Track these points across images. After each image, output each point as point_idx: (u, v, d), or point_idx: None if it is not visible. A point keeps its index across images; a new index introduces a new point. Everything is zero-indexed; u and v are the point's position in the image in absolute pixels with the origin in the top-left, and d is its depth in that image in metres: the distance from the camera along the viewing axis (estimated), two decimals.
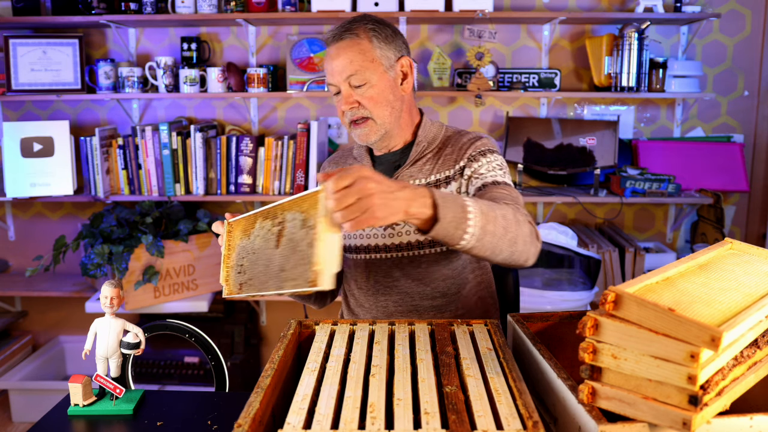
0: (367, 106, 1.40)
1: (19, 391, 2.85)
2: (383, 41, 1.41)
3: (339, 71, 1.38)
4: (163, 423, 1.13)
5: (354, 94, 1.39)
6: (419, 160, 1.48)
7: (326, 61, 1.42)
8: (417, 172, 1.47)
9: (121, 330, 1.19)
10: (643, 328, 0.81)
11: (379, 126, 1.42)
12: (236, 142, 2.83)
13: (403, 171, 1.47)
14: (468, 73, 2.95)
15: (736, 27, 2.97)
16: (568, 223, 3.09)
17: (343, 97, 1.40)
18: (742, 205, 3.10)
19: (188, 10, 2.74)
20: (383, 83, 1.40)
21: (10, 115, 3.10)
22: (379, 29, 1.42)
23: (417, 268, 1.48)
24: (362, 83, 1.38)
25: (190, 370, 2.96)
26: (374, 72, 1.39)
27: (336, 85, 1.40)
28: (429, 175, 1.46)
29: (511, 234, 1.14)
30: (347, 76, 1.38)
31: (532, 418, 0.83)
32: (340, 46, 1.39)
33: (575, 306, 2.56)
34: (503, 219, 1.13)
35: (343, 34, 1.39)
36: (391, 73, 1.42)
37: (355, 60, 1.37)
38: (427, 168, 1.47)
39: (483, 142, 1.48)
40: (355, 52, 1.38)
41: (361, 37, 1.39)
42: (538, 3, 2.96)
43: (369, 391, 0.93)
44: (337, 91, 1.42)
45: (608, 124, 2.90)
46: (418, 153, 1.48)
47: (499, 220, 1.12)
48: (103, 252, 2.55)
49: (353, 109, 1.40)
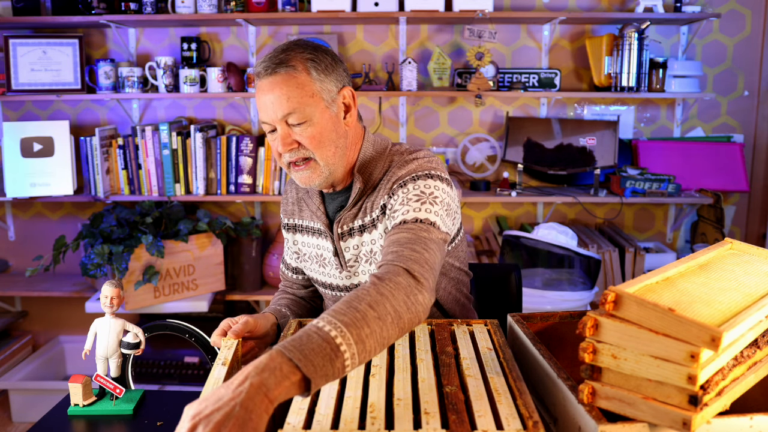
0: (308, 146, 1.24)
1: (19, 391, 2.85)
2: (323, 72, 1.25)
3: (274, 109, 1.22)
4: (163, 423, 1.13)
5: (292, 133, 1.24)
6: (361, 198, 1.33)
7: (258, 96, 1.24)
8: (360, 211, 1.33)
9: (121, 330, 1.19)
10: (643, 328, 0.81)
11: (322, 168, 1.27)
12: (236, 142, 2.83)
13: (345, 213, 1.34)
14: (468, 73, 2.95)
15: (736, 27, 2.97)
16: (568, 223, 3.09)
17: (280, 137, 1.24)
18: (742, 205, 3.10)
19: (188, 10, 2.74)
20: (325, 120, 1.25)
21: (10, 115, 3.10)
22: (318, 58, 1.25)
23: None
24: (301, 121, 1.22)
25: (190, 370, 2.96)
26: (315, 108, 1.23)
27: (270, 123, 1.25)
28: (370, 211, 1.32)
29: (393, 327, 0.96)
30: (284, 115, 1.22)
31: (532, 418, 0.83)
32: (275, 80, 1.21)
33: (575, 306, 2.56)
34: (379, 322, 0.94)
35: (277, 67, 1.21)
36: (333, 108, 1.27)
37: (293, 96, 1.21)
38: (376, 201, 1.31)
39: (411, 168, 1.28)
40: (292, 87, 1.21)
41: (299, 69, 1.22)
42: (538, 3, 2.96)
43: (369, 391, 0.93)
44: (271, 129, 1.26)
45: (608, 124, 2.90)
46: (357, 194, 1.32)
47: (375, 328, 0.93)
48: (103, 252, 2.55)
49: (292, 151, 1.25)
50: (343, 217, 1.34)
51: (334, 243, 1.37)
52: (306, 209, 1.44)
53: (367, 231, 1.33)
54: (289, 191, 1.51)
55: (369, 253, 1.34)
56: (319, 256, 1.43)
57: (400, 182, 1.27)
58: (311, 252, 1.45)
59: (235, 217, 3.13)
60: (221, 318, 3.00)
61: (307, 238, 1.45)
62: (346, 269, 1.38)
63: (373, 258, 1.33)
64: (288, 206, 1.49)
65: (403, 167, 1.29)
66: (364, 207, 1.33)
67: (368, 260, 1.34)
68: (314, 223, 1.41)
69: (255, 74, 1.26)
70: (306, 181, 1.29)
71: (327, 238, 1.39)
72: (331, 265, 1.40)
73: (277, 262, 2.94)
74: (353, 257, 1.36)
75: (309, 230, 1.44)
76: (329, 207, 1.39)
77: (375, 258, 1.33)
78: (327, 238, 1.39)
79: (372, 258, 1.33)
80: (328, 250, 1.40)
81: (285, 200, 1.51)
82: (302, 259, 1.49)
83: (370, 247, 1.33)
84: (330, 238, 1.38)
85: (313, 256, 1.45)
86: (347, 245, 1.35)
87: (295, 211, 1.47)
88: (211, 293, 2.88)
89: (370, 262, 1.34)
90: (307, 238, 1.45)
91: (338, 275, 1.40)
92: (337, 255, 1.38)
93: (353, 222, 1.34)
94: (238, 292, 2.98)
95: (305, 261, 1.48)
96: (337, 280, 1.41)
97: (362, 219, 1.33)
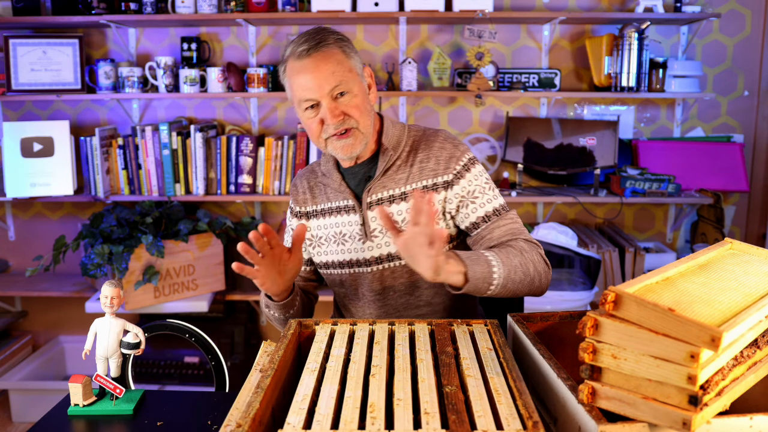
0: (354, 115, 1.36)
1: (19, 391, 2.85)
2: (352, 51, 1.39)
3: (320, 84, 1.32)
4: (163, 423, 1.13)
5: (338, 105, 1.35)
6: (389, 169, 1.44)
7: (298, 77, 1.34)
8: (389, 181, 1.44)
9: (121, 330, 1.19)
10: (643, 328, 0.81)
11: (363, 135, 1.39)
12: (236, 142, 2.84)
13: (375, 183, 1.43)
14: (468, 73, 2.95)
15: (736, 27, 2.97)
16: (568, 223, 3.09)
17: (329, 110, 1.34)
18: (742, 205, 3.10)
19: (188, 10, 2.74)
20: (362, 92, 1.38)
21: (10, 115, 3.10)
22: (345, 39, 1.39)
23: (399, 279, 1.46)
24: (346, 92, 1.35)
25: (190, 370, 2.96)
26: (354, 81, 1.36)
27: (315, 99, 1.34)
28: (405, 183, 1.43)
29: (529, 278, 1.32)
30: (331, 88, 1.33)
31: (532, 418, 0.83)
32: (317, 57, 1.33)
33: (575, 306, 2.56)
34: (522, 266, 1.30)
35: (317, 47, 1.33)
36: (364, 82, 1.41)
37: (337, 71, 1.33)
38: (401, 177, 1.43)
39: (462, 151, 1.44)
40: (334, 63, 1.33)
41: (334, 48, 1.35)
42: (538, 3, 2.96)
43: (369, 391, 0.93)
44: (311, 105, 1.35)
45: (608, 124, 2.90)
46: (387, 162, 1.43)
47: (518, 269, 1.29)
48: (103, 252, 2.55)
49: (339, 122, 1.35)
50: (373, 186, 1.43)
51: (362, 213, 1.44)
52: (322, 193, 1.51)
53: (396, 202, 1.43)
54: (298, 184, 1.57)
55: (398, 224, 1.41)
56: (339, 234, 1.48)
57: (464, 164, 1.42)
58: (328, 233, 1.50)
59: (235, 217, 3.13)
60: (221, 318, 3.00)
61: (323, 221, 1.50)
62: (369, 239, 1.45)
63: (403, 227, 1.41)
64: (299, 196, 1.56)
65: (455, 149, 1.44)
66: (397, 178, 1.43)
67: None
68: (336, 201, 1.48)
69: (291, 57, 1.35)
70: (348, 149, 1.38)
71: (351, 212, 1.46)
72: (353, 239, 1.46)
73: None
74: (378, 227, 1.44)
75: (327, 211, 1.50)
76: (350, 182, 1.47)
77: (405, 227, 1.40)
78: (351, 212, 1.46)
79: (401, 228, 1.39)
80: (353, 224, 1.46)
81: (295, 192, 1.57)
82: (315, 244, 1.52)
83: (402, 216, 1.42)
84: (357, 211, 1.45)
85: (330, 237, 1.50)
86: (374, 215, 1.44)
87: (308, 198, 1.54)
88: (211, 293, 2.88)
89: None
90: (322, 221, 1.51)
91: (360, 247, 1.46)
92: (363, 225, 1.45)
93: (383, 192, 1.43)
94: (238, 292, 2.98)
95: (319, 245, 1.52)
96: (357, 254, 1.46)
97: (392, 190, 1.43)
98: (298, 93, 1.35)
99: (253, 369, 1.16)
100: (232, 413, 1.03)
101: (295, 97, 1.37)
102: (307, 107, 1.36)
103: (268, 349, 1.22)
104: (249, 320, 3.09)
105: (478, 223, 1.42)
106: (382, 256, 1.45)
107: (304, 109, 1.36)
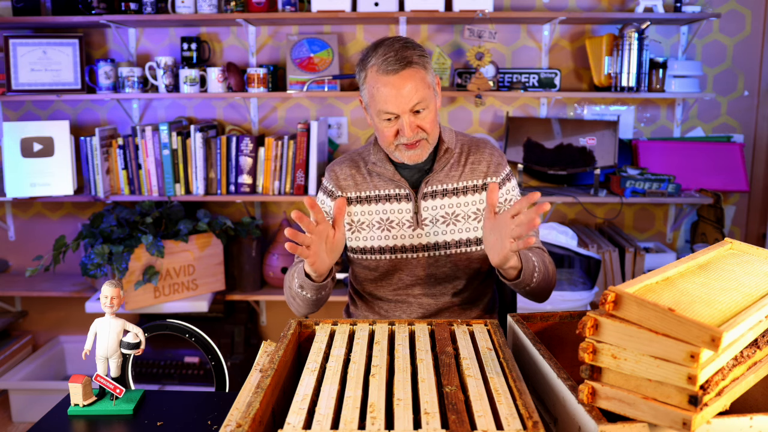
0: (426, 129, 1.45)
1: (19, 391, 2.85)
2: (429, 65, 1.47)
3: (404, 101, 1.41)
4: (163, 423, 1.13)
5: (415, 119, 1.44)
6: (445, 166, 1.55)
7: (382, 90, 1.42)
8: (445, 177, 1.55)
9: (121, 330, 1.19)
10: (643, 328, 0.81)
11: (430, 145, 1.50)
12: (236, 142, 2.83)
13: (433, 176, 1.54)
14: (468, 73, 2.95)
15: (736, 27, 2.97)
16: (568, 223, 3.09)
17: (408, 124, 1.43)
18: (742, 205, 3.10)
19: (188, 10, 2.74)
20: (435, 106, 1.48)
21: (10, 115, 3.10)
22: (425, 55, 1.46)
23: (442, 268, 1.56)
24: (424, 109, 1.44)
25: (190, 370, 2.96)
26: (431, 97, 1.45)
27: (396, 113, 1.43)
28: (457, 180, 1.55)
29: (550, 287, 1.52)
30: (414, 105, 1.42)
31: (532, 418, 0.83)
32: (405, 75, 1.41)
33: (575, 306, 2.56)
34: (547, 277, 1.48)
35: (406, 66, 1.41)
36: (437, 95, 1.50)
37: (419, 89, 1.42)
38: (454, 174, 1.55)
39: (505, 162, 1.60)
40: (418, 81, 1.42)
41: (418, 66, 1.43)
42: (538, 3, 2.96)
43: (369, 391, 0.93)
44: (390, 117, 1.44)
45: (608, 124, 2.90)
46: (446, 159, 1.55)
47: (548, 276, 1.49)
48: (103, 252, 2.55)
49: (415, 134, 1.45)
50: (431, 179, 1.54)
51: (417, 203, 1.54)
52: (366, 181, 1.58)
53: (448, 196, 1.54)
54: (338, 170, 1.62)
55: (448, 215, 1.54)
56: (385, 220, 1.56)
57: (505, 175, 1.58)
58: (372, 219, 1.57)
59: (235, 217, 3.13)
60: (221, 318, 3.00)
61: (369, 207, 1.57)
62: (420, 227, 1.54)
63: (452, 219, 1.54)
64: (341, 182, 1.61)
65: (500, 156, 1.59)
66: (451, 175, 1.55)
67: (446, 222, 1.54)
68: (386, 189, 1.56)
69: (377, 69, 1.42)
70: (416, 158, 1.49)
71: (404, 200, 1.55)
72: (402, 226, 1.55)
73: (277, 262, 2.93)
74: (430, 216, 1.54)
75: (373, 198, 1.57)
76: (403, 173, 1.56)
77: (455, 220, 1.54)
78: (404, 200, 1.55)
79: (450, 220, 1.54)
80: (404, 211, 1.55)
81: (335, 178, 1.62)
82: (355, 229, 1.58)
83: (453, 210, 1.54)
84: (411, 199, 1.54)
85: (374, 223, 1.57)
86: (426, 205, 1.54)
87: (350, 185, 1.60)
88: (211, 293, 2.88)
89: (447, 224, 1.54)
90: (366, 207, 1.57)
91: (409, 234, 1.55)
92: (416, 213, 1.54)
93: (438, 185, 1.54)
94: (238, 292, 2.98)
95: (359, 230, 1.58)
96: (405, 240, 1.55)
97: (446, 184, 1.55)
98: (380, 104, 1.43)
99: (253, 369, 1.16)
100: (232, 413, 1.03)
101: (375, 107, 1.45)
102: (387, 118, 1.45)
103: (268, 349, 1.22)
104: (249, 320, 3.09)
105: None
106: (429, 244, 1.55)
107: (383, 119, 1.45)
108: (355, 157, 1.64)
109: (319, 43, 2.89)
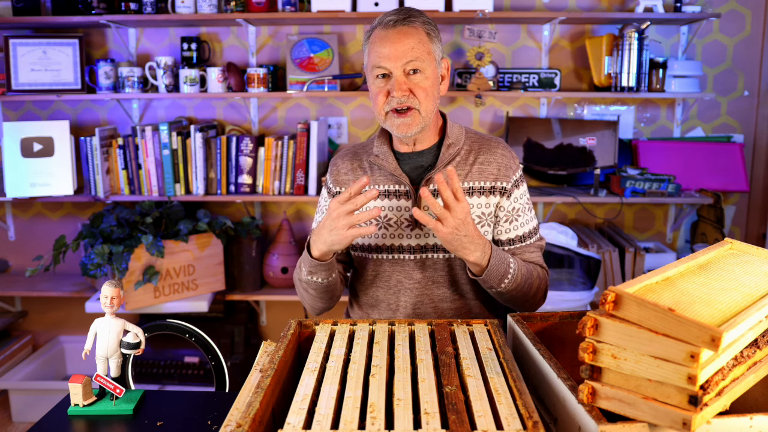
0: (418, 95, 1.39)
1: (19, 391, 2.85)
2: (435, 37, 1.42)
3: (398, 55, 1.36)
4: (163, 423, 1.13)
5: (407, 81, 1.38)
6: (449, 163, 1.47)
7: (378, 45, 1.39)
8: None
9: (121, 330, 1.19)
10: (643, 328, 0.81)
11: (422, 118, 1.41)
12: (236, 142, 2.83)
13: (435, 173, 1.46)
14: (468, 73, 2.95)
15: (736, 27, 2.97)
16: (568, 223, 3.09)
17: (396, 81, 1.37)
18: (742, 205, 3.10)
19: (188, 10, 2.74)
20: (433, 76, 1.41)
21: (10, 115, 3.10)
22: (432, 25, 1.43)
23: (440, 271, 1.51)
24: (418, 69, 1.38)
25: (190, 370, 2.96)
26: (429, 63, 1.39)
27: (388, 68, 1.38)
28: (462, 180, 1.47)
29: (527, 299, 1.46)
30: (406, 62, 1.37)
31: (532, 418, 0.83)
32: (402, 30, 1.38)
33: (575, 306, 2.56)
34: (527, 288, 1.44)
35: (404, 21, 1.38)
36: (439, 69, 1.44)
37: (416, 47, 1.37)
38: (459, 172, 1.47)
39: (517, 165, 1.52)
40: (416, 40, 1.38)
41: (419, 29, 1.39)
42: (538, 3, 2.96)
43: (369, 391, 0.93)
44: (382, 73, 1.39)
45: (608, 124, 2.90)
46: (450, 156, 1.47)
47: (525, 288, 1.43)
48: (103, 252, 2.55)
49: (403, 96, 1.38)
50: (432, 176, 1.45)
51: (417, 202, 1.46)
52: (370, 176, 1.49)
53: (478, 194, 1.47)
54: (339, 164, 1.57)
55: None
56: (384, 218, 1.49)
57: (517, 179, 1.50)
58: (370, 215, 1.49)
59: (235, 217, 3.13)
60: (221, 318, 3.00)
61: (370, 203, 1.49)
62: (419, 227, 1.47)
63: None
64: (341, 176, 1.56)
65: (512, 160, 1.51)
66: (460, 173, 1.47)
67: None
68: (386, 185, 1.49)
69: (378, 26, 1.40)
70: (404, 128, 1.41)
71: (404, 197, 1.48)
72: (400, 225, 1.48)
73: (277, 262, 2.93)
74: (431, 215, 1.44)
75: None
76: (405, 168, 1.49)
77: None
78: (404, 197, 1.48)
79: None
80: (402, 209, 1.48)
81: (336, 172, 1.57)
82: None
83: None
84: (411, 197, 1.47)
85: (371, 220, 1.48)
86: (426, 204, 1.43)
87: (350, 179, 1.54)
88: (211, 293, 2.88)
89: None
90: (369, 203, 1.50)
91: (408, 234, 1.48)
92: None
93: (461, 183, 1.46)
94: (238, 292, 2.98)
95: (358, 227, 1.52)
96: (404, 240, 1.48)
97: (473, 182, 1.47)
98: (373, 59, 1.39)
99: (253, 369, 1.16)
100: (232, 413, 1.03)
101: (370, 63, 1.41)
102: (379, 75, 1.40)
103: (268, 349, 1.22)
104: (249, 320, 3.09)
105: (515, 240, 1.51)
106: (427, 245, 1.48)
107: (376, 76, 1.40)
108: (358, 150, 1.58)
109: (319, 43, 2.89)
